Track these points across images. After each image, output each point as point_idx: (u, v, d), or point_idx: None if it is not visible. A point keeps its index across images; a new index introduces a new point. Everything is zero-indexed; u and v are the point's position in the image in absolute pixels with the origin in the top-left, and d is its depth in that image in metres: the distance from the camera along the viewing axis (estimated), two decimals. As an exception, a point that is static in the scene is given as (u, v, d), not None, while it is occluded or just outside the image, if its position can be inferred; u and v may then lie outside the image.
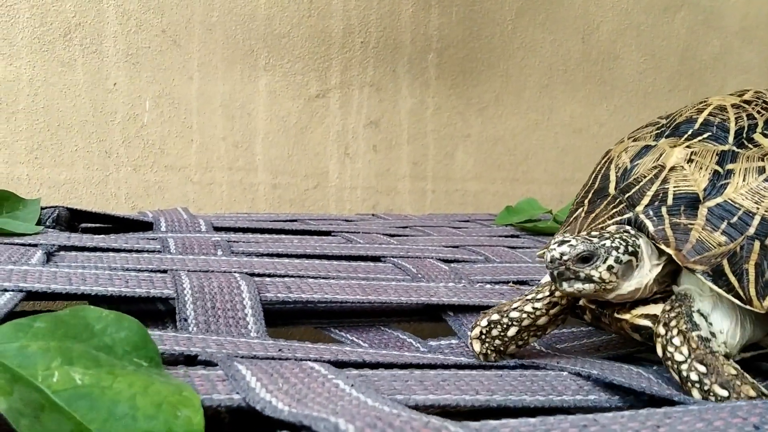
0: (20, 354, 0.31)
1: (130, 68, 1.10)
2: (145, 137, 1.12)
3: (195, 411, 0.30)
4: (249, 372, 0.35)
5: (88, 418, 0.29)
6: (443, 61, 1.32)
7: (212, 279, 0.54)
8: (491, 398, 0.38)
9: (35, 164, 1.06)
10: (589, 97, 1.46)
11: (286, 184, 1.22)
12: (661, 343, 0.43)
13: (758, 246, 0.45)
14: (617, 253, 0.44)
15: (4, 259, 0.54)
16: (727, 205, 0.46)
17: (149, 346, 0.34)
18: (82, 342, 0.33)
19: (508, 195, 1.40)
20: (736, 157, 0.47)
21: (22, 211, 0.71)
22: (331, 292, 0.56)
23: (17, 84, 1.04)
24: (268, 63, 1.19)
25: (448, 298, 0.58)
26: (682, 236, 0.46)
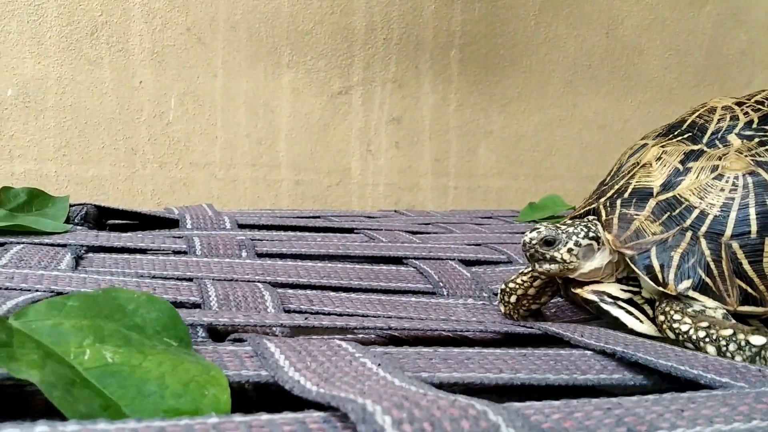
0: (53, 331, 0.32)
1: (156, 66, 1.12)
2: (170, 134, 1.13)
3: (222, 390, 0.31)
4: (278, 350, 0.35)
5: (117, 395, 0.30)
6: (466, 57, 1.32)
7: (237, 289, 0.55)
8: (515, 376, 0.38)
9: (63, 161, 1.08)
10: (613, 92, 1.45)
11: (308, 180, 1.22)
12: (667, 326, 0.47)
13: (690, 236, 0.48)
14: (577, 238, 0.51)
15: (34, 263, 0.56)
16: (673, 199, 0.50)
17: (179, 326, 0.35)
18: (114, 321, 0.33)
19: (531, 191, 1.40)
20: (699, 156, 0.51)
21: (51, 208, 0.73)
22: (352, 307, 0.57)
23: (45, 82, 1.06)
24: (291, 60, 1.20)
25: (467, 319, 0.58)
26: (625, 225, 0.51)
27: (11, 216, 0.67)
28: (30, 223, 0.65)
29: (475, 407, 0.26)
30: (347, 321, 0.46)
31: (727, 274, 0.47)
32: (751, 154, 0.49)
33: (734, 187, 0.48)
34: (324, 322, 0.44)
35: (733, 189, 0.48)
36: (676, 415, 0.29)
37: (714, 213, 0.48)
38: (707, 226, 0.48)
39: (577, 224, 0.51)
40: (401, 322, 0.48)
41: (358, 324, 0.45)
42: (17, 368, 0.28)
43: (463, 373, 0.36)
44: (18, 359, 0.28)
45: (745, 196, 0.48)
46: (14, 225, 0.64)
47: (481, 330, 0.50)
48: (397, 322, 0.48)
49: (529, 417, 0.28)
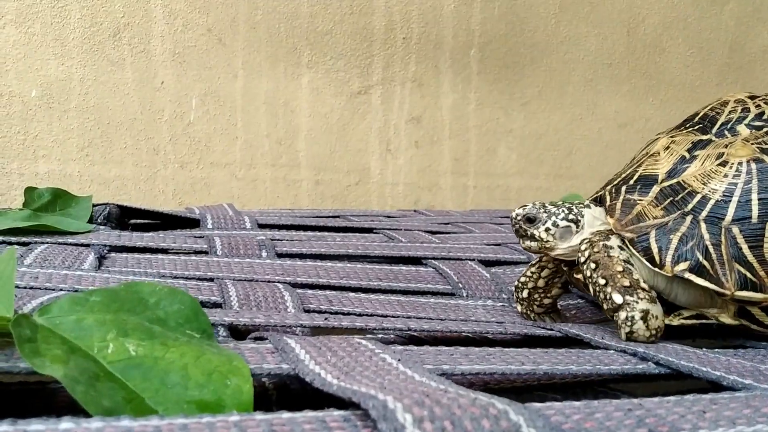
0: (77, 326, 0.32)
1: (177, 67, 1.13)
2: (191, 135, 1.14)
3: (245, 380, 0.31)
4: (298, 345, 0.36)
5: (141, 387, 0.30)
6: (485, 56, 1.31)
7: (257, 289, 0.56)
8: (537, 368, 0.38)
9: (86, 161, 1.09)
10: (634, 91, 1.44)
11: (328, 180, 1.23)
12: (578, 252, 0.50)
13: (690, 220, 0.49)
14: (556, 219, 0.52)
15: (58, 263, 0.56)
16: (677, 185, 0.50)
17: (201, 318, 0.35)
18: (137, 315, 0.34)
19: (551, 190, 1.39)
20: (707, 145, 0.51)
21: (75, 208, 0.74)
22: (372, 308, 0.57)
23: (69, 83, 1.08)
24: (311, 60, 1.20)
25: (486, 320, 0.58)
26: (627, 209, 0.51)
27: (36, 216, 0.68)
28: (54, 223, 0.66)
29: (495, 406, 0.26)
30: (367, 321, 0.46)
31: (725, 258, 0.47)
32: (757, 142, 0.49)
33: (737, 173, 0.48)
34: (343, 322, 0.45)
35: (737, 175, 0.48)
36: (698, 417, 0.29)
37: (716, 198, 0.48)
38: (708, 211, 0.48)
39: (560, 206, 0.53)
40: (420, 323, 0.48)
41: (377, 325, 0.45)
42: (41, 363, 0.28)
43: (485, 366, 0.36)
44: (42, 354, 0.29)
45: (748, 182, 0.48)
46: (38, 225, 0.65)
47: (501, 332, 0.50)
48: (417, 323, 0.48)
49: (549, 417, 0.28)
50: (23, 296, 0.45)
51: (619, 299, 0.45)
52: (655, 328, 0.45)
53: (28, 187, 0.73)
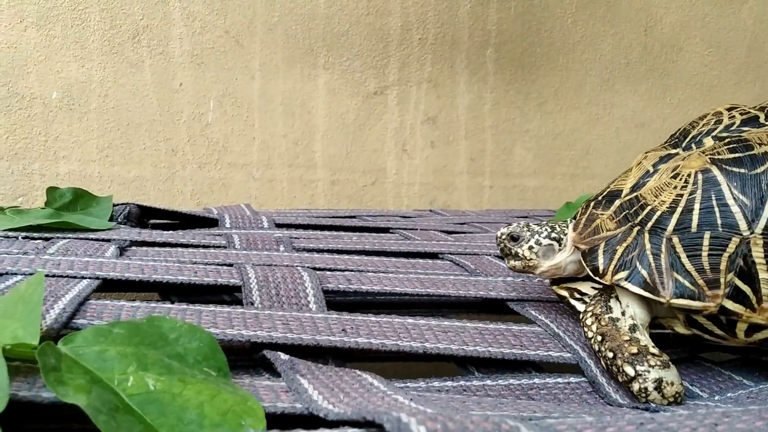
0: (99, 358, 0.33)
1: (195, 69, 1.14)
2: (209, 135, 1.15)
3: (258, 421, 0.32)
4: (311, 386, 0.36)
5: (158, 422, 0.31)
6: (501, 56, 1.31)
7: (276, 271, 0.56)
8: (549, 414, 0.38)
9: (106, 162, 1.10)
10: (651, 90, 1.43)
11: (344, 180, 1.23)
12: (582, 323, 0.49)
13: (636, 231, 0.49)
14: (539, 237, 0.54)
15: (80, 252, 0.57)
16: (634, 199, 0.51)
17: (218, 356, 0.36)
18: (157, 349, 0.35)
19: (568, 190, 1.39)
20: (670, 159, 0.51)
21: (96, 208, 0.75)
22: (390, 285, 0.57)
23: (89, 85, 1.09)
24: (327, 61, 1.21)
25: (507, 293, 0.58)
26: (588, 223, 0.53)
27: (57, 214, 0.69)
28: (75, 221, 0.67)
29: (507, 422, 0.26)
30: (383, 341, 0.46)
31: (664, 267, 0.46)
32: (712, 153, 0.48)
33: (685, 185, 0.48)
34: (360, 339, 0.45)
35: (684, 186, 0.48)
36: (710, 430, 0.29)
37: (663, 209, 0.48)
38: (653, 222, 0.48)
39: (544, 225, 0.55)
40: (437, 343, 0.48)
41: (392, 345, 0.45)
42: (65, 392, 0.29)
43: (497, 412, 0.36)
44: (66, 383, 0.30)
45: (693, 192, 0.47)
46: (60, 222, 0.66)
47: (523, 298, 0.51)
48: (434, 342, 0.48)
49: (561, 432, 0.28)
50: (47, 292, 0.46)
51: (630, 371, 0.43)
52: (672, 395, 0.43)
53: (50, 186, 0.74)
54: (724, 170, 0.46)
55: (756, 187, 0.45)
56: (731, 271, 0.44)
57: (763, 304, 0.44)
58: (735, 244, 0.45)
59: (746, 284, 0.44)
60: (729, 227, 0.45)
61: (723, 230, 0.45)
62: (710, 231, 0.45)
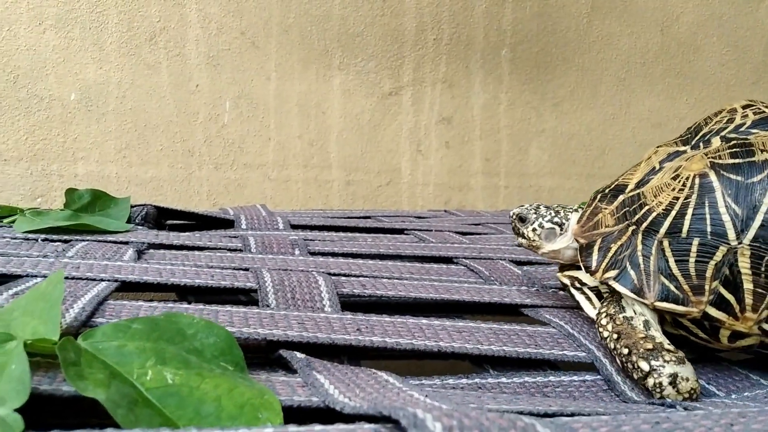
0: (118, 352, 0.33)
1: (212, 70, 1.14)
2: (225, 136, 1.16)
3: (275, 414, 0.32)
4: (327, 381, 0.36)
5: (176, 414, 0.31)
6: (517, 56, 1.31)
7: (291, 275, 0.56)
8: (564, 409, 0.38)
9: (123, 163, 1.12)
10: (668, 90, 1.42)
11: (359, 180, 1.24)
12: (597, 324, 0.49)
13: (631, 231, 0.49)
14: (542, 220, 0.57)
15: (99, 255, 0.58)
16: (636, 196, 0.51)
17: (235, 351, 0.36)
18: (175, 345, 0.35)
19: (583, 191, 1.38)
20: (676, 157, 0.51)
21: (114, 209, 0.76)
22: (405, 290, 0.57)
23: (107, 87, 1.10)
24: (342, 62, 1.21)
25: (521, 300, 0.58)
26: (591, 216, 0.53)
27: (76, 216, 0.70)
28: (94, 223, 0.68)
29: (522, 420, 0.26)
30: (397, 340, 0.46)
31: (652, 269, 0.47)
32: (714, 156, 0.48)
33: (683, 188, 0.48)
34: (374, 338, 0.45)
35: (681, 189, 0.48)
36: (726, 430, 0.29)
37: (659, 211, 0.48)
38: (648, 223, 0.49)
39: (552, 208, 0.57)
40: (452, 342, 0.48)
41: (407, 344, 0.46)
42: (84, 387, 0.29)
43: (512, 406, 0.36)
44: (86, 378, 0.30)
45: (688, 197, 0.47)
46: (79, 224, 0.66)
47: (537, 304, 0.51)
48: (448, 341, 0.48)
49: (576, 430, 0.28)
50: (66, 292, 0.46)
51: (645, 366, 0.43)
52: (688, 391, 0.42)
53: (68, 188, 0.75)
54: (721, 176, 0.46)
55: (749, 196, 0.45)
56: (716, 279, 0.44)
57: (746, 313, 0.44)
58: (722, 252, 0.44)
59: (730, 293, 0.44)
60: (718, 236, 0.45)
61: (711, 238, 0.45)
62: (699, 238, 0.45)
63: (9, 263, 0.52)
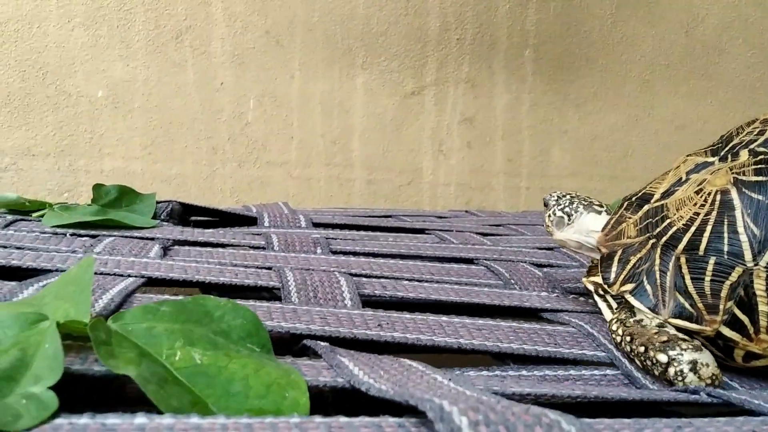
0: (147, 334, 0.34)
1: (236, 68, 1.16)
2: (249, 134, 1.17)
3: (302, 393, 0.33)
4: (352, 363, 0.37)
5: (205, 393, 0.32)
6: (540, 56, 1.31)
7: (314, 275, 0.57)
8: (588, 392, 0.38)
9: (149, 159, 1.13)
10: (692, 92, 1.41)
11: (381, 179, 1.24)
12: (610, 332, 0.50)
13: (651, 244, 0.49)
14: (555, 208, 0.59)
15: (126, 251, 0.59)
16: (659, 207, 0.51)
17: (261, 333, 0.37)
18: (202, 326, 0.36)
19: (606, 192, 1.38)
20: (703, 168, 0.51)
21: (139, 204, 0.77)
22: (425, 293, 0.58)
23: (133, 84, 1.12)
24: (365, 61, 1.22)
25: (541, 305, 0.59)
26: (616, 225, 0.54)
27: (103, 211, 0.71)
28: (120, 218, 0.69)
29: (548, 416, 0.27)
30: (418, 336, 0.47)
31: (668, 285, 0.47)
32: (738, 171, 0.47)
33: (704, 203, 0.47)
34: (395, 333, 0.46)
35: (702, 205, 0.47)
36: (748, 436, 0.29)
37: (679, 226, 0.48)
38: (668, 238, 0.48)
39: (575, 199, 0.59)
40: (472, 339, 0.48)
41: (428, 340, 0.46)
42: (116, 364, 0.30)
43: (536, 389, 0.37)
44: (116, 357, 0.31)
45: (708, 214, 0.47)
46: (106, 220, 0.68)
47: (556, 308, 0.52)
48: (468, 338, 0.48)
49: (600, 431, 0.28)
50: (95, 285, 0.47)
51: (663, 358, 0.43)
52: (709, 377, 0.42)
53: (96, 184, 0.76)
54: (743, 194, 0.46)
55: None
56: (731, 300, 0.44)
57: (760, 335, 0.43)
58: (738, 273, 0.44)
59: (745, 314, 0.44)
60: (734, 256, 0.45)
61: (728, 258, 0.45)
62: (716, 257, 0.45)
63: (39, 258, 0.54)
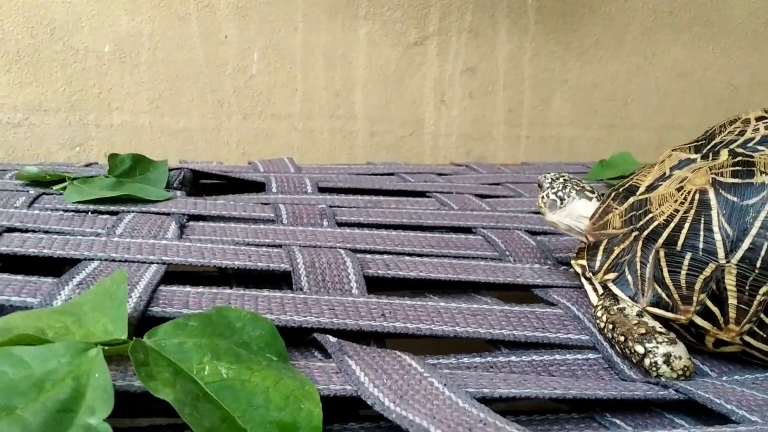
0: (179, 349, 0.38)
1: (240, 21, 1.16)
2: (253, 87, 1.19)
3: (315, 404, 0.37)
4: (358, 367, 0.41)
5: (232, 407, 0.35)
6: (543, 5, 1.31)
7: (321, 255, 0.61)
8: (567, 392, 0.43)
9: (156, 113, 1.15)
10: (694, 39, 1.41)
11: (383, 131, 1.27)
12: (594, 317, 0.54)
13: (634, 236, 0.53)
14: (549, 191, 0.63)
15: (145, 232, 0.63)
16: (643, 201, 0.55)
17: (278, 342, 0.41)
18: (226, 339, 0.40)
19: (604, 141, 1.41)
20: (686, 165, 0.54)
21: (153, 172, 0.80)
22: (425, 271, 0.62)
23: (139, 38, 1.13)
24: (368, 12, 1.22)
25: (533, 280, 0.63)
26: (603, 214, 0.58)
27: (119, 184, 0.74)
28: (136, 191, 0.72)
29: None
30: (418, 326, 0.51)
31: (647, 277, 0.51)
32: (717, 172, 0.50)
33: (683, 201, 0.51)
34: (397, 324, 0.50)
35: (682, 203, 0.51)
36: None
37: (660, 221, 0.52)
38: (649, 231, 0.52)
39: (567, 183, 0.63)
40: (467, 327, 0.53)
41: (426, 330, 0.51)
42: (155, 387, 0.34)
43: (521, 390, 0.41)
44: (155, 378, 0.35)
45: (687, 211, 0.50)
46: (122, 195, 0.71)
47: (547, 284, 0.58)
48: (464, 326, 0.53)
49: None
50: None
51: (640, 349, 0.48)
52: (681, 368, 0.47)
53: (111, 154, 0.79)
54: (719, 195, 0.49)
55: (742, 218, 0.48)
56: (704, 292, 0.48)
57: (729, 325, 0.48)
58: (711, 269, 0.48)
59: (716, 306, 0.48)
60: (708, 253, 0.49)
61: (703, 254, 0.49)
62: (692, 253, 0.49)
63: (67, 244, 0.58)
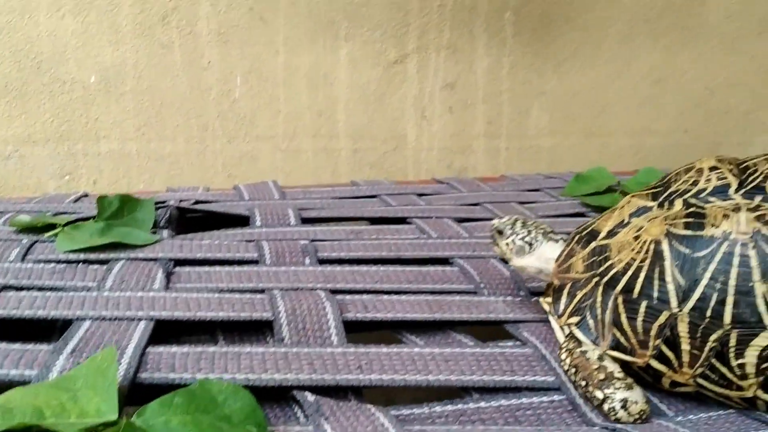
0: (165, 428, 0.42)
1: (222, 46, 1.19)
2: (236, 111, 1.22)
3: None
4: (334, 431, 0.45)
5: None
6: (520, 18, 1.34)
7: (302, 300, 0.65)
8: None
9: (142, 140, 1.18)
10: (671, 46, 1.44)
11: (366, 148, 1.30)
12: (559, 358, 0.57)
13: (595, 282, 0.56)
14: (515, 237, 0.65)
15: (133, 284, 0.66)
16: (604, 247, 0.57)
17: (257, 413, 0.45)
18: (209, 414, 0.43)
19: (582, 149, 1.44)
20: (643, 213, 0.57)
21: (140, 212, 0.83)
22: (402, 311, 0.66)
23: (123, 68, 1.15)
24: (348, 33, 1.25)
25: (505, 315, 0.67)
26: (567, 258, 0.61)
27: (108, 228, 0.77)
28: (124, 237, 0.75)
29: None
30: (392, 377, 0.55)
31: (607, 321, 0.54)
32: (671, 223, 0.53)
33: (640, 250, 0.54)
34: (372, 376, 0.54)
35: (638, 252, 0.54)
36: None
37: (618, 268, 0.55)
38: (609, 278, 0.56)
39: (529, 226, 0.65)
40: (439, 375, 0.56)
41: (400, 381, 0.54)
42: None
43: None
44: None
45: (643, 261, 0.53)
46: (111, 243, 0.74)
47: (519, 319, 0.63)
48: (436, 374, 0.56)
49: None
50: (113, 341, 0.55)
51: (599, 395, 0.51)
52: (638, 413, 0.50)
53: (99, 196, 0.82)
54: (672, 247, 0.52)
55: (693, 270, 0.51)
56: (659, 338, 0.52)
57: (683, 368, 0.52)
58: (665, 317, 0.52)
59: (671, 350, 0.52)
60: (663, 301, 0.52)
61: (657, 302, 0.52)
62: (647, 301, 0.53)
63: (60, 302, 0.61)
